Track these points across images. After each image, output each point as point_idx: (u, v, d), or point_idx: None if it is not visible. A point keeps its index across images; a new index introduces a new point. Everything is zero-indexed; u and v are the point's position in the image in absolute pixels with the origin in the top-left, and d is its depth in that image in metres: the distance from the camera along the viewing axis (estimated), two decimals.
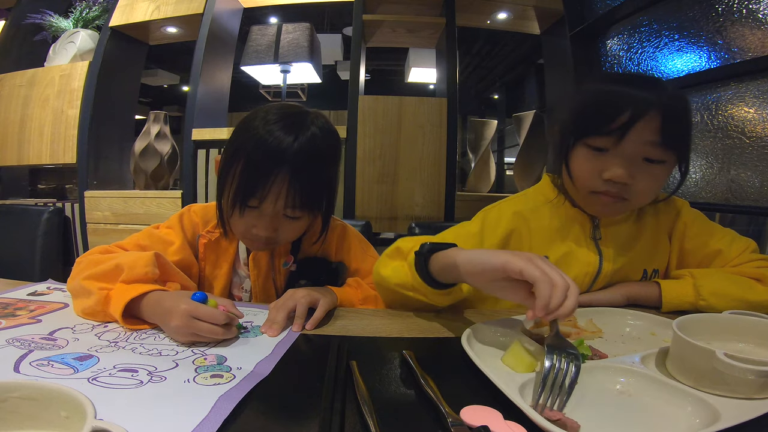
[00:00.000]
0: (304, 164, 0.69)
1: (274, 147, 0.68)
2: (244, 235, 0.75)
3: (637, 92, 0.68)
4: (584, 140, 0.72)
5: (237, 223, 0.74)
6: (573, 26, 1.99)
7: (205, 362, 0.50)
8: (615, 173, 0.69)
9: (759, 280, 0.72)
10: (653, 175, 0.71)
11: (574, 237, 0.80)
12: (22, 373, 0.45)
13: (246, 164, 0.70)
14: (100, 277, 0.65)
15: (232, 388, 0.43)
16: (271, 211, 0.71)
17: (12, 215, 1.29)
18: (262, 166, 0.68)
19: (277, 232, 0.74)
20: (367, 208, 2.16)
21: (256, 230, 0.72)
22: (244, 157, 0.70)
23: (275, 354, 0.53)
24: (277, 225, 0.73)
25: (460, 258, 0.57)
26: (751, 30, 1.26)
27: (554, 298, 0.47)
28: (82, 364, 0.48)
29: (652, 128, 0.67)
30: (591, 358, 0.51)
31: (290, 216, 0.73)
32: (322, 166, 0.73)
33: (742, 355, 0.41)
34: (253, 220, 0.72)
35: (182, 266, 0.78)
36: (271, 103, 0.80)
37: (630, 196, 0.72)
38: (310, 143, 0.70)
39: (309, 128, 0.71)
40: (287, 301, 0.65)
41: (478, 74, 7.30)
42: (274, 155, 0.68)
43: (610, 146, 0.70)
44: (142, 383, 0.44)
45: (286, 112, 0.73)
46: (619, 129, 0.68)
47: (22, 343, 0.53)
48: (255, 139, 0.69)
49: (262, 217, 0.72)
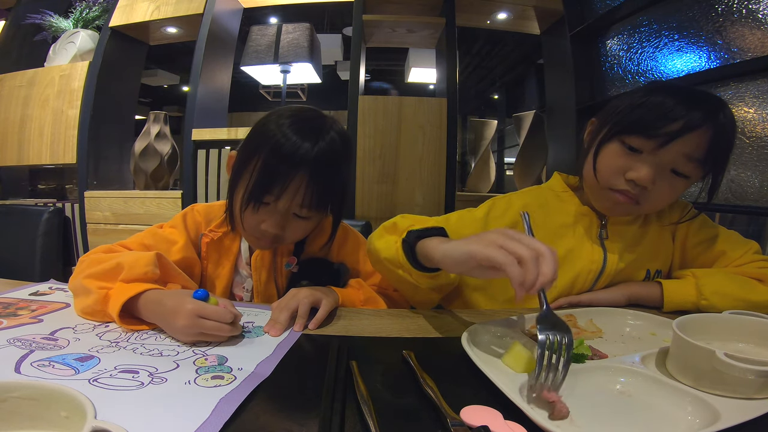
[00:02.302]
0: (323, 167, 0.71)
1: (296, 149, 0.69)
2: (253, 232, 0.76)
3: (696, 105, 0.67)
4: (622, 137, 0.72)
5: (248, 218, 0.74)
6: (573, 26, 1.99)
7: (206, 363, 0.50)
8: (640, 175, 0.69)
9: (761, 281, 0.72)
10: (673, 187, 0.72)
11: (580, 234, 0.80)
12: (23, 373, 0.45)
13: (265, 162, 0.70)
14: (101, 276, 0.65)
15: (233, 390, 0.43)
16: (285, 208, 0.72)
17: (12, 215, 1.29)
18: (282, 166, 0.69)
19: (284, 230, 0.74)
20: (367, 208, 2.16)
21: (265, 226, 0.73)
22: (264, 156, 0.70)
23: (276, 354, 0.53)
24: (286, 223, 0.74)
25: (437, 253, 0.58)
26: (751, 30, 1.26)
27: (528, 274, 0.46)
28: (83, 365, 0.48)
29: (697, 143, 0.67)
30: (591, 358, 0.51)
31: (300, 215, 0.74)
32: (338, 168, 0.75)
33: (742, 355, 0.41)
34: (265, 216, 0.73)
35: (185, 265, 0.78)
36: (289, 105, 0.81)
37: (644, 202, 0.73)
38: (329, 146, 0.72)
39: (329, 132, 0.73)
40: (290, 301, 0.65)
41: (478, 74, 7.29)
42: (296, 157, 0.69)
43: (646, 150, 0.70)
44: (143, 385, 0.43)
45: (307, 116, 0.75)
46: (666, 135, 0.67)
47: (23, 343, 0.53)
48: (275, 140, 0.70)
49: (274, 214, 0.73)
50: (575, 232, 0.80)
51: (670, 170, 0.70)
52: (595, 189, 0.77)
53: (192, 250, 0.82)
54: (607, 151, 0.74)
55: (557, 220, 0.81)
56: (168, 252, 0.77)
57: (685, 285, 0.72)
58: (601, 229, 0.80)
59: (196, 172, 2.18)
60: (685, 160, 0.69)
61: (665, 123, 0.67)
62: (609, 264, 0.78)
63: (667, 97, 0.69)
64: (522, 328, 0.61)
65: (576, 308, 0.69)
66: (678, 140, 0.67)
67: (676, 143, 0.67)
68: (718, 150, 0.69)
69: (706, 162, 0.69)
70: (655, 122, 0.68)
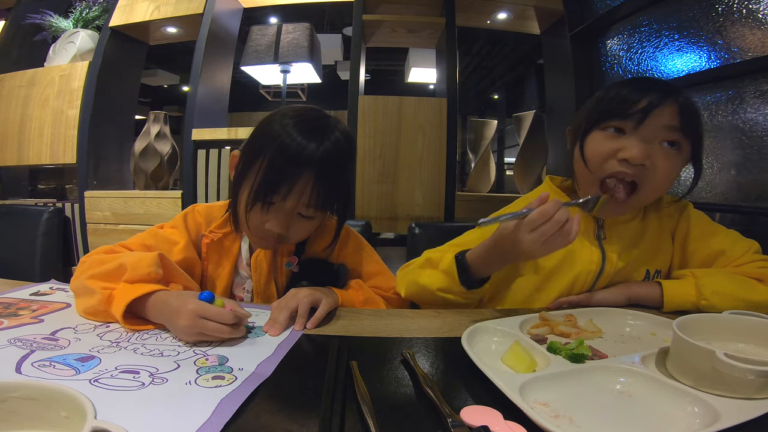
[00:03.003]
0: (328, 166, 0.71)
1: (301, 149, 0.70)
2: (257, 232, 0.76)
3: (656, 84, 0.74)
4: (603, 124, 0.75)
5: (253, 218, 0.74)
6: (573, 26, 1.99)
7: (206, 363, 0.50)
8: (632, 153, 0.71)
9: (761, 281, 0.72)
10: (669, 160, 0.73)
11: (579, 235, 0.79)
12: (24, 373, 0.45)
13: (271, 163, 0.71)
14: (104, 277, 0.65)
15: (234, 391, 0.43)
16: (291, 208, 0.72)
17: (12, 215, 1.29)
18: (288, 166, 0.70)
19: (289, 230, 0.75)
20: (367, 208, 2.16)
21: (270, 225, 0.73)
22: (269, 156, 0.71)
23: (277, 355, 0.53)
24: (291, 223, 0.74)
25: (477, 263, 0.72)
26: (751, 30, 1.26)
27: None
28: (84, 365, 0.48)
29: (671, 113, 0.71)
30: (591, 358, 0.51)
31: (306, 215, 0.74)
32: (344, 168, 0.75)
33: (743, 355, 0.41)
34: (269, 215, 0.73)
35: (186, 266, 0.78)
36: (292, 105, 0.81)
37: (643, 182, 0.73)
38: (334, 146, 0.72)
39: (333, 132, 0.73)
40: (289, 301, 0.66)
41: (478, 74, 7.29)
42: (302, 157, 0.69)
43: (628, 129, 0.72)
44: (144, 385, 0.44)
45: (311, 116, 0.75)
46: (640, 112, 0.71)
47: (23, 343, 0.53)
48: (280, 140, 0.70)
49: (280, 214, 0.73)
50: None
51: (660, 143, 0.72)
52: (590, 183, 0.77)
53: (193, 250, 0.82)
54: (592, 140, 0.76)
55: None
56: (169, 252, 0.77)
57: (685, 285, 0.72)
58: (599, 229, 0.80)
59: (196, 172, 2.18)
60: (668, 131, 0.71)
61: (633, 104, 0.72)
62: (608, 264, 0.78)
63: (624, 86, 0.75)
64: (522, 328, 0.61)
65: (576, 308, 0.69)
66: (652, 113, 0.71)
67: (652, 117, 0.71)
68: (690, 119, 0.72)
69: (687, 128, 0.72)
70: (623, 105, 0.73)
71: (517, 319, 0.62)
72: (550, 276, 0.80)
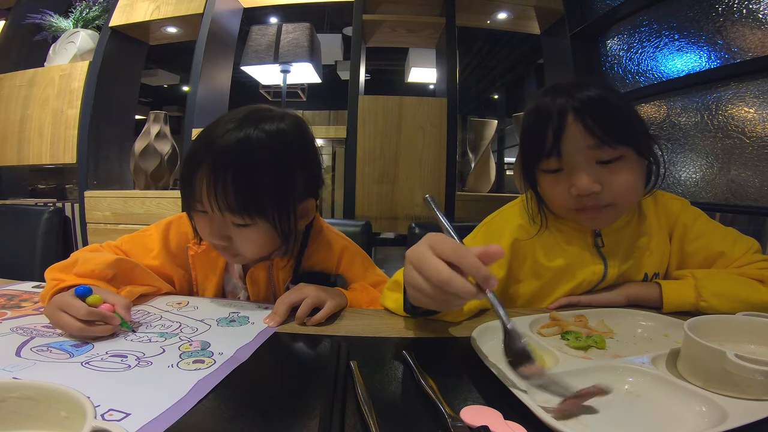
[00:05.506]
0: (231, 165, 0.65)
1: (196, 148, 0.67)
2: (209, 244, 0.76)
3: (549, 105, 0.67)
4: (538, 167, 0.72)
5: (199, 230, 0.73)
6: (573, 26, 1.99)
7: (190, 348, 0.54)
8: (579, 187, 0.68)
9: (761, 282, 0.71)
10: (620, 173, 0.69)
11: (576, 247, 0.78)
12: (23, 357, 0.48)
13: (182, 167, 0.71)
14: (61, 269, 0.68)
15: (211, 373, 0.46)
16: (216, 216, 0.68)
17: (12, 215, 1.29)
18: (187, 168, 0.68)
19: (231, 241, 0.71)
20: (367, 208, 2.16)
21: (209, 237, 0.71)
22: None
23: (255, 341, 0.57)
24: (227, 232, 0.70)
25: None
26: (751, 30, 1.26)
27: None
28: (78, 350, 0.51)
29: (581, 133, 0.66)
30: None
31: (236, 223, 0.68)
32: (266, 168, 0.67)
33: (754, 356, 0.41)
34: (205, 227, 0.71)
35: (162, 272, 0.80)
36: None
37: (611, 200, 0.70)
38: (241, 144, 0.65)
39: (249, 128, 0.67)
40: (293, 295, 0.66)
41: (478, 74, 7.30)
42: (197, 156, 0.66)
43: (561, 165, 0.69)
44: (130, 367, 0.47)
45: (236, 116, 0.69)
46: (553, 147, 0.67)
47: (24, 331, 0.56)
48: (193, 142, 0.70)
49: (211, 223, 0.70)
50: (571, 246, 0.79)
51: (597, 163, 0.68)
52: (567, 216, 0.76)
53: (168, 259, 0.82)
54: (541, 187, 0.75)
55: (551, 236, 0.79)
56: (144, 258, 0.79)
57: (684, 286, 0.71)
58: (596, 238, 0.79)
59: None
60: (594, 150, 0.67)
61: (542, 138, 0.67)
62: (609, 272, 0.77)
63: (529, 115, 0.71)
64: (532, 327, 0.60)
65: (586, 309, 0.68)
66: (564, 141, 0.66)
67: (566, 144, 0.67)
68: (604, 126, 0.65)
69: (611, 137, 0.66)
70: (537, 143, 0.69)
71: (527, 319, 0.61)
72: (552, 284, 0.79)
